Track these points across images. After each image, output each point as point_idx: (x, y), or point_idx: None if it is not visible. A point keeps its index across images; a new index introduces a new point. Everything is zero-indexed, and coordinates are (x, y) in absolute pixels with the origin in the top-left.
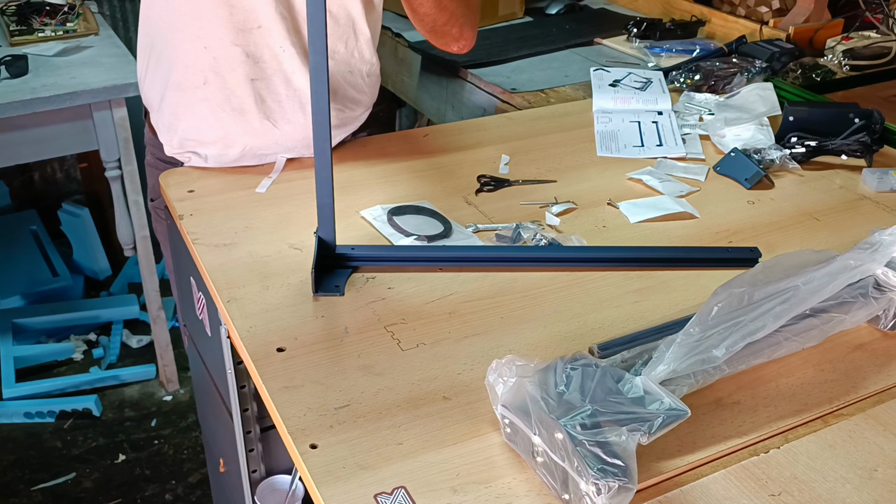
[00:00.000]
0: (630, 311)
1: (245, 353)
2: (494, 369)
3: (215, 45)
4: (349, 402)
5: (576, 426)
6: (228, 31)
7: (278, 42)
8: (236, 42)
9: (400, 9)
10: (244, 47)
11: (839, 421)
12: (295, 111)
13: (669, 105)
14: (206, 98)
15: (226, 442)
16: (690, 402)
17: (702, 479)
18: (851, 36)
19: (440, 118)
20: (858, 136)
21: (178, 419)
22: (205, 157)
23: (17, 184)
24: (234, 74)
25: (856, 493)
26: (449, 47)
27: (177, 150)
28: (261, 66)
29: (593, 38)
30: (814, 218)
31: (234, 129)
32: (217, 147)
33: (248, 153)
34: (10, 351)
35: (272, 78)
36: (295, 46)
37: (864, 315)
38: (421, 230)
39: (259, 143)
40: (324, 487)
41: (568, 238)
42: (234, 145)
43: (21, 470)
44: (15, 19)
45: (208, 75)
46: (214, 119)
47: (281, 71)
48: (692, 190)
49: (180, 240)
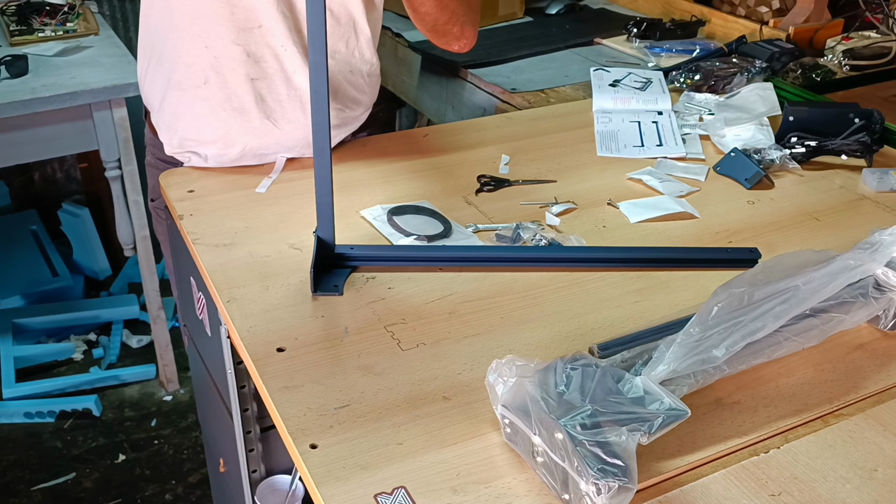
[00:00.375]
0: (630, 311)
1: (245, 353)
2: (494, 369)
3: (216, 45)
4: (349, 402)
5: (576, 426)
6: (229, 31)
7: (279, 41)
8: (237, 41)
9: (400, 9)
10: (245, 46)
11: (839, 421)
12: (296, 110)
13: (669, 105)
14: (207, 97)
15: (226, 442)
16: (690, 402)
17: (702, 479)
18: (851, 36)
19: (440, 118)
20: (858, 136)
21: (178, 419)
22: (205, 157)
23: (17, 184)
24: (234, 74)
25: (856, 493)
26: (450, 46)
27: (177, 149)
28: (261, 65)
29: (593, 38)
30: (814, 218)
31: (235, 129)
32: (217, 146)
33: (249, 153)
34: (10, 351)
35: (273, 77)
36: (296, 46)
37: (864, 315)
38: (421, 230)
39: (259, 143)
40: (324, 487)
41: (568, 238)
42: (235, 145)
43: (21, 470)
44: (15, 19)
45: (209, 74)
46: (215, 118)
47: (282, 70)
48: (692, 190)
49: (180, 240)
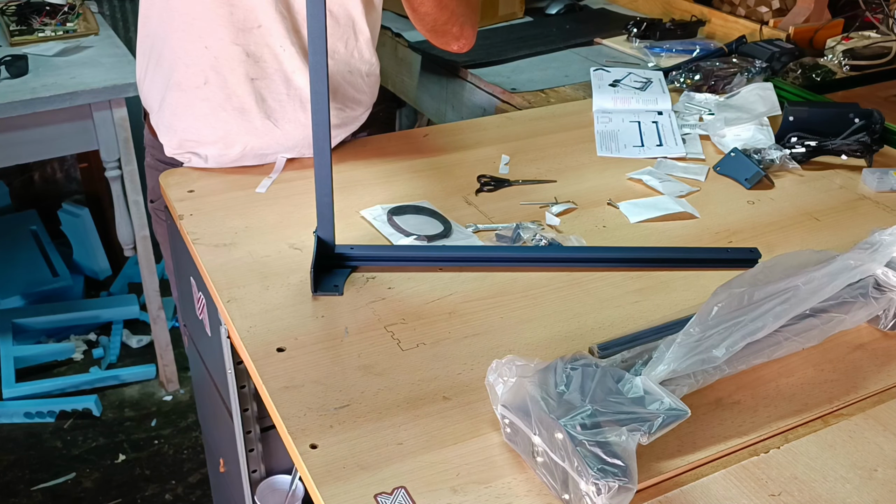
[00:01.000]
0: (630, 311)
1: (245, 353)
2: (494, 369)
3: (216, 45)
4: (349, 402)
5: (576, 426)
6: (229, 31)
7: (278, 41)
8: (237, 41)
9: (400, 9)
10: (245, 46)
11: (839, 421)
12: (296, 110)
13: (669, 105)
14: (207, 98)
15: (226, 442)
16: (690, 402)
17: (702, 479)
18: (851, 36)
19: (440, 118)
20: (858, 136)
21: (178, 419)
22: (205, 158)
23: (17, 184)
24: (234, 74)
25: (856, 493)
26: (449, 46)
27: (176, 150)
28: (261, 65)
29: (593, 38)
30: (814, 218)
31: (235, 129)
32: (217, 147)
33: (249, 153)
34: (10, 351)
35: (273, 77)
36: (295, 46)
37: (864, 315)
38: (421, 230)
39: (260, 143)
40: (324, 487)
41: (568, 238)
42: (235, 145)
43: (21, 470)
44: (15, 19)
45: (209, 74)
46: (215, 118)
47: (281, 70)
48: (692, 190)
49: (180, 240)
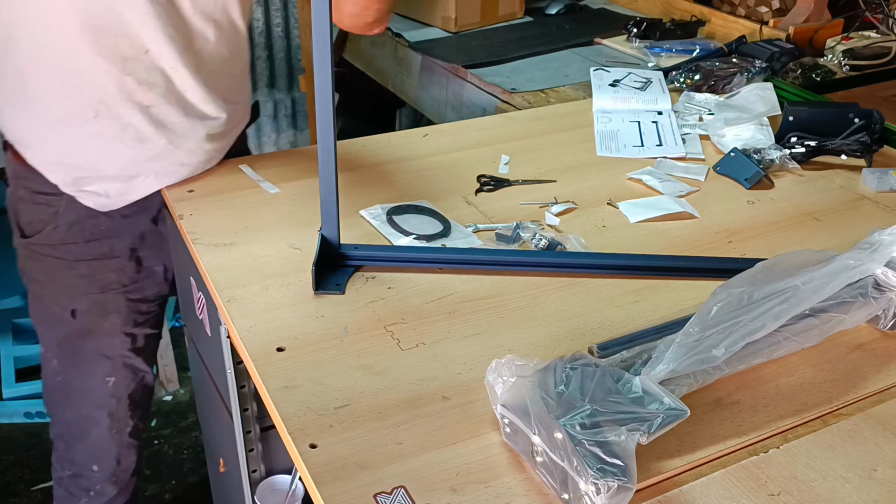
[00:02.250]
0: (630, 311)
1: (245, 352)
2: (494, 369)
3: (103, 79)
4: (349, 401)
5: (575, 426)
6: (114, 63)
7: (169, 63)
8: (125, 71)
9: (400, 9)
10: (134, 75)
11: (839, 421)
12: (195, 128)
13: (669, 105)
14: (99, 132)
15: (226, 442)
16: (690, 401)
17: (701, 478)
18: (851, 36)
19: (440, 118)
20: (858, 136)
21: (178, 419)
22: (105, 194)
23: None
24: (126, 105)
25: (855, 493)
26: (371, 30)
27: (72, 188)
28: (154, 91)
29: (593, 38)
30: (814, 218)
31: (135, 158)
32: (119, 180)
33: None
34: (10, 351)
35: (167, 99)
36: (188, 67)
37: (863, 315)
38: (420, 230)
39: (164, 166)
40: (324, 487)
41: (567, 238)
42: (138, 175)
43: (21, 470)
44: None
45: (98, 108)
46: (111, 152)
47: (173, 92)
48: (692, 190)
49: (180, 240)
